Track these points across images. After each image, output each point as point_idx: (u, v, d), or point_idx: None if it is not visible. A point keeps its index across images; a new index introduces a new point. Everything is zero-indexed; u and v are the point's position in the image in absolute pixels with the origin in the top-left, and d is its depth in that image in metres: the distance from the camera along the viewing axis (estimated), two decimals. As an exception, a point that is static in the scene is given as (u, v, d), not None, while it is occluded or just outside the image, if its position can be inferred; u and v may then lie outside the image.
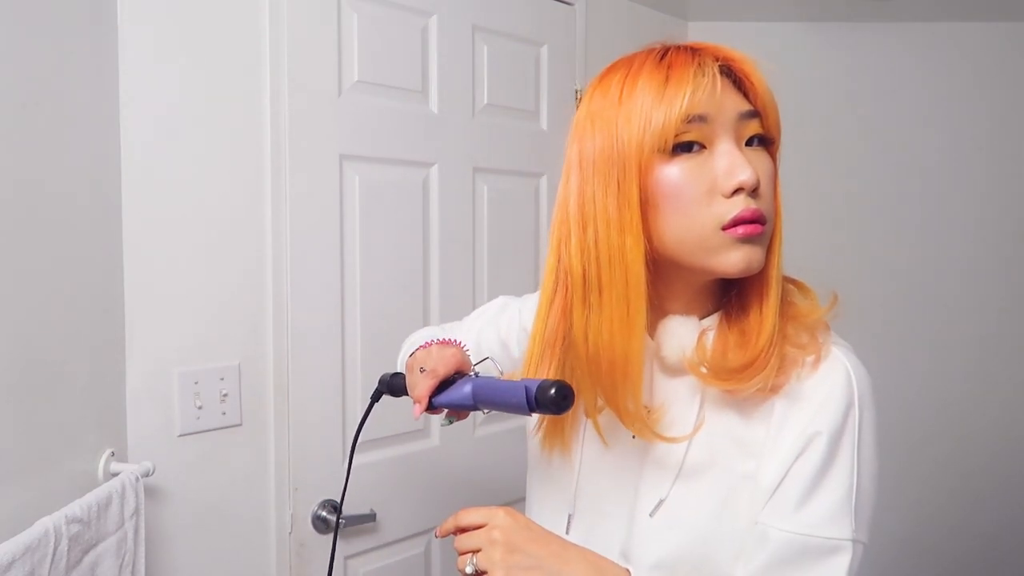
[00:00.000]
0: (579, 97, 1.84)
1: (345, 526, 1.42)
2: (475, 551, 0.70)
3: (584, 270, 0.71)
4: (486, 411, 0.78)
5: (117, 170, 1.16)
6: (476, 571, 0.70)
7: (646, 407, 0.75)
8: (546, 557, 0.69)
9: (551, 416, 0.81)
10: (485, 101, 1.65)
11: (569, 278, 0.73)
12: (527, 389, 0.70)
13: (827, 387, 0.69)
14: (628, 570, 0.72)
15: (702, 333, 0.74)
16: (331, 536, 1.42)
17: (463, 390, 0.78)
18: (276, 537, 1.37)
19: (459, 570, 0.71)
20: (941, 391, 2.21)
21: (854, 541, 0.67)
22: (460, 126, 1.60)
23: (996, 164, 2.18)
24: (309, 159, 1.37)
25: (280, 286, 1.35)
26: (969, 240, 2.19)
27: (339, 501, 1.00)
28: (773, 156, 0.73)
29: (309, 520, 1.40)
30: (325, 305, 1.41)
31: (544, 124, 1.77)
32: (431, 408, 0.81)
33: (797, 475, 0.69)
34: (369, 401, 0.93)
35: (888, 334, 2.19)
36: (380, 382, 0.93)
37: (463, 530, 0.73)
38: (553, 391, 0.68)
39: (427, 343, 0.88)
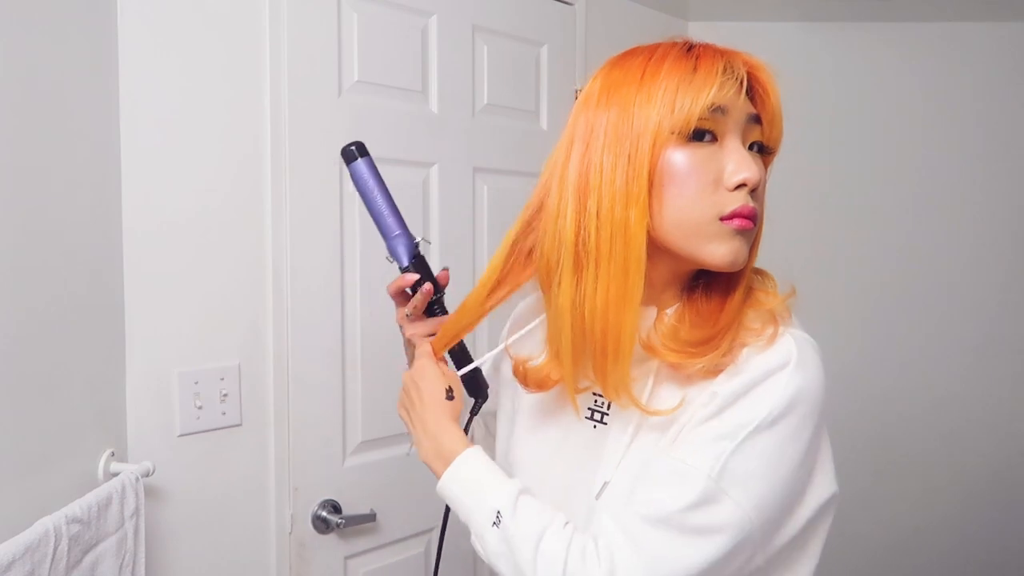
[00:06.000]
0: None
1: (345, 526, 1.42)
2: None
3: (577, 238, 0.72)
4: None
5: (117, 170, 1.16)
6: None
7: None
8: (420, 410, 0.86)
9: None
10: (485, 101, 1.65)
11: (560, 245, 0.73)
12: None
13: (760, 364, 0.69)
14: (463, 452, 0.83)
15: (661, 314, 0.76)
16: (330, 536, 1.43)
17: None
18: (276, 537, 1.37)
19: None
20: (940, 389, 2.21)
21: (710, 478, 0.66)
22: (460, 126, 1.60)
23: (995, 164, 2.18)
24: (309, 159, 1.37)
25: (280, 286, 1.35)
26: (969, 240, 2.19)
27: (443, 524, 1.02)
28: (766, 165, 0.76)
29: (309, 520, 1.40)
30: (325, 305, 1.41)
31: (544, 124, 1.77)
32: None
33: (687, 424, 0.71)
34: (468, 416, 0.92)
35: (884, 332, 2.19)
36: (477, 392, 0.91)
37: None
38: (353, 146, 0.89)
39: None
